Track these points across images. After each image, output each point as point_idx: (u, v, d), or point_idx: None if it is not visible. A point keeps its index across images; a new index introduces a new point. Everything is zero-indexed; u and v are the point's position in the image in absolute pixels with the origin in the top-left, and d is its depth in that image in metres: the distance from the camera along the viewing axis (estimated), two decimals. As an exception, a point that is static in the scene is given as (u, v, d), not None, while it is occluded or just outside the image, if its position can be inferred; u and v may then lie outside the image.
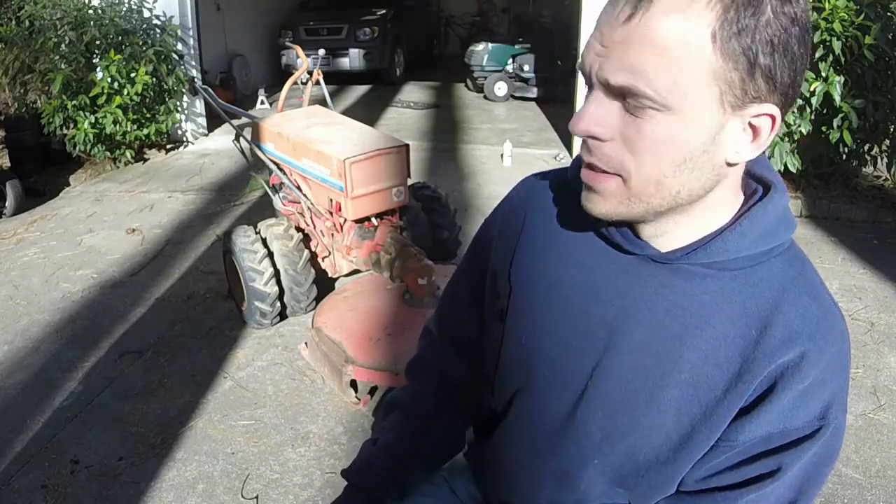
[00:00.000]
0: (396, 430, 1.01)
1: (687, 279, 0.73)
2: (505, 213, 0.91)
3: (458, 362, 1.00)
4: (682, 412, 0.74)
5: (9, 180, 4.59)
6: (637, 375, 0.75)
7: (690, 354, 0.73)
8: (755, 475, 0.74)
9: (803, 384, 0.70)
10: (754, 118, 0.65)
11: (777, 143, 3.91)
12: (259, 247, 2.84)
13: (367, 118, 4.49)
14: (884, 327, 2.94)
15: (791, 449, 0.73)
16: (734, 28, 0.60)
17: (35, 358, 2.80)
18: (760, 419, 0.72)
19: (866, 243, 3.88)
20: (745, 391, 0.72)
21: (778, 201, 0.73)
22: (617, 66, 0.62)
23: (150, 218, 4.36)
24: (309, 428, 2.34)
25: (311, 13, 9.14)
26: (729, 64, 0.61)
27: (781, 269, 0.73)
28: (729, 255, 0.71)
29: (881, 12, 3.86)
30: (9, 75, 5.21)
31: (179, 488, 2.08)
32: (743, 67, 0.61)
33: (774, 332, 0.70)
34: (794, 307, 0.71)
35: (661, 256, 0.74)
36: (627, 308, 0.75)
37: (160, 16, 5.45)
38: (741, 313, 0.72)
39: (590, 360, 0.77)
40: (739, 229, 0.71)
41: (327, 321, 2.58)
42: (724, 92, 0.63)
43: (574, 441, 0.80)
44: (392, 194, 2.88)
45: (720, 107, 0.63)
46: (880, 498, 2.03)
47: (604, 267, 0.77)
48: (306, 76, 3.73)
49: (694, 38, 0.60)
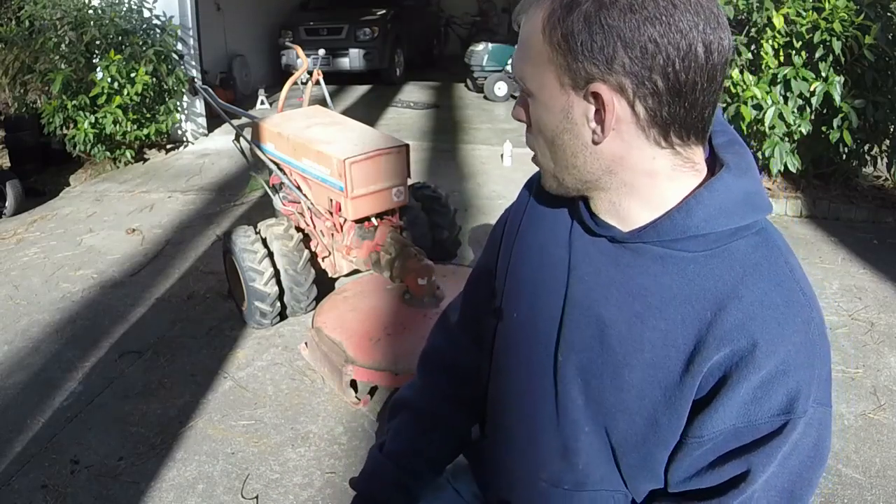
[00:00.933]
0: (402, 433, 1.02)
1: (651, 260, 0.75)
2: (516, 202, 0.96)
3: (471, 351, 1.02)
4: (644, 395, 0.75)
5: (9, 180, 4.59)
6: (604, 352, 0.78)
7: (651, 335, 0.74)
8: (729, 477, 0.73)
9: (759, 374, 0.69)
10: (594, 97, 0.71)
11: (777, 143, 3.91)
12: (259, 247, 2.84)
13: (367, 118, 4.49)
14: (884, 327, 2.94)
15: (760, 448, 0.71)
16: (556, 18, 0.70)
17: (35, 358, 2.80)
18: (721, 412, 0.71)
19: (866, 243, 3.87)
20: (696, 373, 0.72)
21: (728, 181, 0.73)
22: (515, 60, 0.78)
23: (150, 218, 4.36)
24: (309, 428, 2.34)
25: (311, 13, 9.14)
26: (552, 50, 0.71)
27: (745, 252, 0.73)
28: (678, 234, 0.73)
29: (881, 12, 3.86)
30: (9, 75, 5.22)
31: (179, 488, 2.08)
32: (564, 50, 0.70)
33: (727, 317, 0.70)
34: (751, 292, 0.71)
35: (621, 236, 0.77)
36: (598, 285, 0.79)
37: (160, 16, 5.45)
38: (699, 295, 0.72)
39: (557, 333, 0.82)
40: (685, 208, 0.73)
41: (327, 321, 2.58)
42: (558, 74, 0.71)
43: (565, 412, 0.82)
44: (392, 194, 2.88)
45: (561, 89, 0.72)
46: (880, 498, 2.03)
47: (584, 247, 0.82)
48: (306, 76, 3.73)
49: (534, 36, 0.72)
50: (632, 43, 0.67)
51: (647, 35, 0.66)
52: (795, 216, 4.30)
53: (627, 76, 0.68)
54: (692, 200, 0.73)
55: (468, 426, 1.05)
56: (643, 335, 0.75)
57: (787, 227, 4.11)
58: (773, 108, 3.81)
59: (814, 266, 3.54)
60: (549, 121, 0.75)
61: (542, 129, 0.76)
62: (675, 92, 0.68)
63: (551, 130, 0.75)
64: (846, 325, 2.95)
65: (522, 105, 0.79)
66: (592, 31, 0.68)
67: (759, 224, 0.74)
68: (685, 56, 0.67)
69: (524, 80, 0.75)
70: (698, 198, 0.73)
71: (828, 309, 3.05)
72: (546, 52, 0.71)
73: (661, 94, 0.68)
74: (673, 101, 0.69)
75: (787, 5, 3.87)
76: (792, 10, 3.85)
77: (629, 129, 0.71)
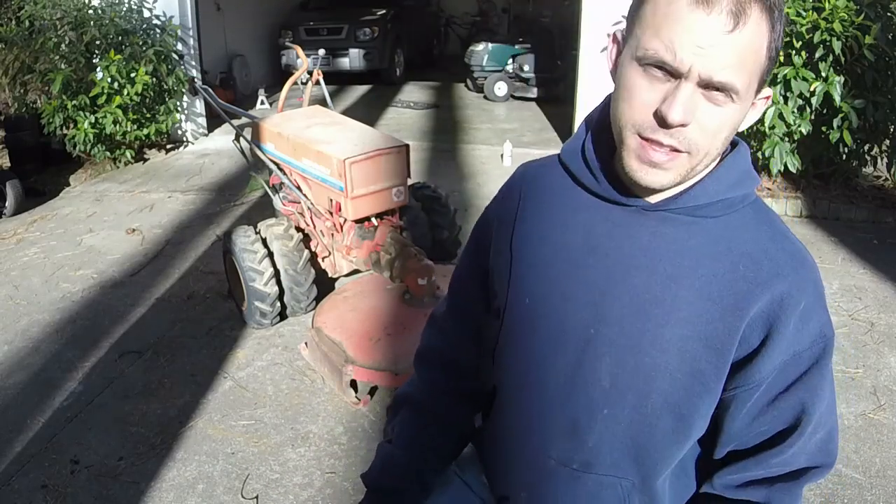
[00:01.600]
0: (407, 425, 1.04)
1: (675, 227, 0.83)
2: (502, 197, 0.98)
3: (465, 345, 1.03)
4: (685, 350, 0.81)
5: (9, 180, 4.59)
6: (639, 318, 0.82)
7: (686, 293, 0.81)
8: (788, 416, 0.84)
9: (798, 309, 0.80)
10: (758, 99, 0.81)
11: (777, 143, 3.91)
12: (259, 247, 2.84)
13: (367, 118, 4.49)
14: (884, 327, 2.94)
15: (806, 376, 0.82)
16: (774, 36, 0.76)
17: (35, 358, 2.80)
18: (773, 351, 0.80)
19: (866, 243, 3.87)
20: (741, 318, 0.80)
21: (745, 154, 0.86)
22: (720, 66, 0.73)
23: (150, 218, 4.36)
24: (309, 428, 2.34)
25: (311, 13, 9.13)
26: (767, 63, 0.77)
27: (754, 215, 0.84)
28: (709, 199, 0.82)
29: (881, 12, 3.86)
30: (9, 75, 5.21)
31: (179, 488, 2.08)
32: (771, 65, 0.78)
33: (762, 267, 0.81)
34: (774, 244, 0.82)
35: (651, 206, 0.84)
36: (625, 257, 0.84)
37: (160, 16, 5.45)
38: (726, 252, 0.82)
39: (591, 308, 0.85)
40: (716, 175, 0.83)
41: (327, 321, 2.58)
42: (759, 83, 0.78)
43: (583, 389, 0.85)
44: (392, 194, 2.88)
45: (754, 94, 0.79)
46: (880, 498, 2.03)
47: (600, 223, 0.86)
48: (306, 76, 3.73)
49: (760, 46, 0.75)
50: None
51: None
52: (795, 216, 4.30)
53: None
54: (721, 169, 0.83)
55: (470, 418, 1.07)
56: (678, 294, 0.81)
57: (787, 227, 4.11)
58: (773, 108, 3.81)
59: (814, 266, 3.54)
60: (737, 120, 0.79)
61: (724, 126, 0.78)
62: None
63: (734, 128, 0.80)
64: (846, 325, 2.95)
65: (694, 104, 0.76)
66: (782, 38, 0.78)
67: (754, 193, 0.86)
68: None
69: (739, 86, 0.75)
70: (726, 167, 0.83)
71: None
72: (763, 63, 0.77)
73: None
74: None
75: (787, 5, 3.87)
76: (792, 10, 3.85)
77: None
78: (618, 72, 0.81)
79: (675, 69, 0.74)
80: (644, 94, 0.77)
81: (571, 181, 0.90)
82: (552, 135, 6.29)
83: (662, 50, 0.74)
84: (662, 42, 0.74)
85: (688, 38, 0.73)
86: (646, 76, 0.76)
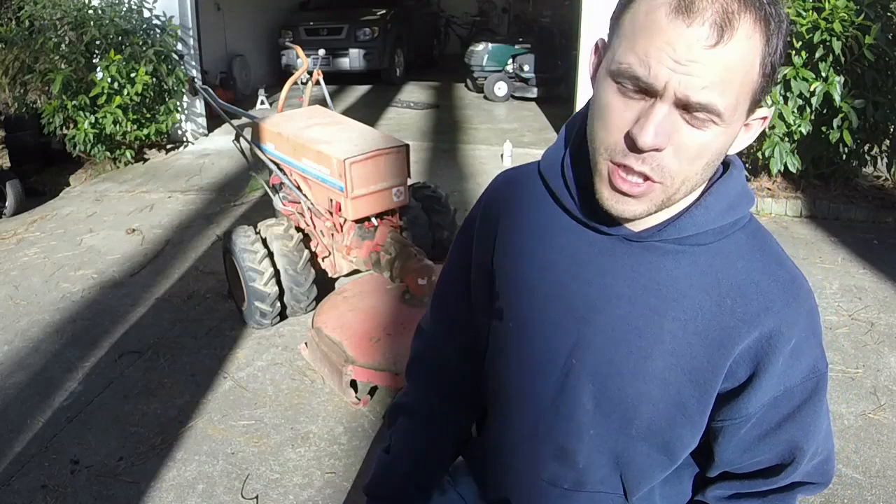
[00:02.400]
0: (403, 434, 1.02)
1: (661, 256, 0.78)
2: (482, 208, 0.93)
3: (454, 353, 1.01)
4: (668, 381, 0.78)
5: (9, 180, 4.59)
6: (620, 349, 0.79)
7: (670, 325, 0.77)
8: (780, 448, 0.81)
9: (789, 346, 0.76)
10: (753, 120, 0.74)
11: (777, 143, 3.91)
12: (259, 247, 2.84)
13: (367, 118, 4.49)
14: (884, 327, 2.94)
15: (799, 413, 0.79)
16: (769, 52, 0.68)
17: (35, 358, 2.80)
18: (762, 387, 0.77)
19: (866, 243, 3.87)
20: (726, 356, 0.76)
21: (737, 177, 0.79)
22: (700, 85, 0.65)
23: (150, 218, 4.36)
24: (309, 428, 2.34)
25: (311, 13, 9.14)
26: (762, 81, 0.69)
27: (747, 240, 0.79)
28: (697, 229, 0.76)
29: (881, 12, 3.86)
30: (9, 75, 5.21)
31: (179, 488, 2.08)
32: (767, 84, 0.70)
33: (752, 301, 0.76)
34: (766, 275, 0.77)
35: (634, 235, 0.78)
36: (607, 285, 0.79)
37: (160, 16, 5.45)
38: (714, 284, 0.77)
39: (573, 335, 0.81)
40: (705, 204, 0.76)
41: (327, 321, 2.57)
42: (752, 103, 0.71)
43: (568, 414, 0.83)
44: (392, 194, 2.88)
45: (746, 116, 0.72)
46: (880, 498, 2.03)
47: (583, 248, 0.81)
48: (306, 76, 3.73)
49: (751, 64, 0.67)
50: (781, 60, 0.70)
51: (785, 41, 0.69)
52: (795, 216, 4.30)
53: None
54: (710, 198, 0.76)
55: (467, 422, 1.06)
56: (662, 326, 0.77)
57: (787, 227, 4.11)
58: (773, 108, 3.80)
59: (814, 266, 3.54)
60: (722, 144, 0.71)
61: (706, 151, 0.70)
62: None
63: (719, 153, 0.72)
64: (846, 325, 2.95)
65: (670, 125, 0.68)
66: (783, 53, 0.69)
67: (749, 214, 0.80)
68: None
69: (721, 107, 0.67)
70: (715, 194, 0.77)
71: (828, 309, 3.05)
72: (756, 81, 0.69)
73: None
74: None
75: (787, 5, 3.87)
76: (792, 10, 3.85)
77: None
78: (594, 86, 0.74)
79: (650, 86, 0.66)
80: (617, 114, 0.70)
81: (552, 199, 0.85)
82: (552, 135, 6.29)
83: (637, 64, 0.67)
84: (637, 55, 0.66)
85: (665, 51, 0.65)
86: (619, 93, 0.69)
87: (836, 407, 2.40)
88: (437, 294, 1.04)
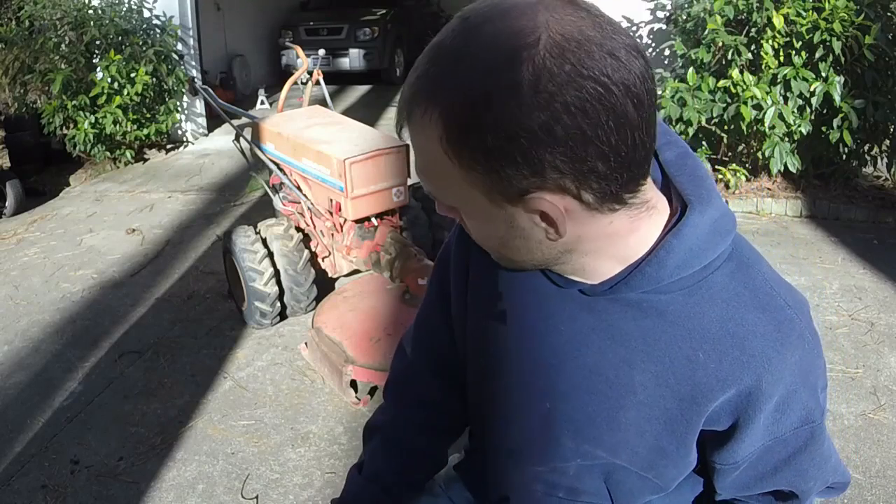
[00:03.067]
0: (379, 457, 1.01)
1: (627, 307, 0.72)
2: (456, 240, 0.89)
3: (434, 382, 0.99)
4: (644, 430, 0.75)
5: (9, 180, 4.60)
6: (593, 399, 0.75)
7: (641, 377, 0.72)
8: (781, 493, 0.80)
9: (771, 402, 0.70)
10: (538, 207, 0.62)
11: (777, 143, 3.91)
12: (259, 247, 2.84)
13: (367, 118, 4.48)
14: (884, 327, 2.94)
15: (795, 461, 0.76)
16: (454, 138, 0.59)
17: (35, 358, 2.80)
18: (745, 440, 0.73)
19: (866, 243, 3.87)
20: (700, 412, 0.72)
21: (695, 222, 0.68)
22: (417, 168, 0.67)
23: (150, 218, 4.36)
24: (309, 428, 2.34)
25: (311, 13, 9.14)
26: (468, 172, 0.61)
27: (724, 283, 0.70)
28: (651, 285, 0.69)
29: (881, 12, 3.86)
30: (9, 75, 5.21)
31: (179, 488, 2.08)
32: (481, 170, 0.60)
33: (725, 357, 0.69)
34: (742, 326, 0.69)
35: (589, 289, 0.73)
36: (576, 333, 0.75)
37: (160, 16, 5.45)
38: (685, 336, 0.70)
39: (545, 380, 0.78)
40: (656, 260, 0.68)
41: (327, 321, 2.57)
42: (485, 192, 0.62)
43: (552, 449, 0.81)
44: (392, 194, 2.88)
45: (492, 204, 0.63)
46: (880, 498, 2.03)
47: (552, 294, 0.76)
48: (306, 76, 3.73)
49: (435, 155, 0.61)
50: (557, 141, 0.56)
51: (569, 125, 0.56)
52: (795, 216, 4.29)
53: (565, 177, 0.59)
54: (661, 252, 0.68)
55: (441, 447, 1.04)
56: (633, 378, 0.72)
57: (787, 227, 4.11)
58: (773, 108, 3.81)
59: (814, 266, 3.54)
60: (492, 230, 0.67)
61: (486, 235, 0.69)
62: (619, 165, 0.59)
63: (498, 238, 0.68)
64: (846, 325, 2.94)
65: (449, 211, 0.69)
66: (506, 144, 0.57)
67: (728, 248, 0.70)
68: (617, 125, 0.57)
69: (440, 196, 0.66)
70: (668, 248, 0.68)
71: (828, 309, 3.05)
72: (459, 174, 0.61)
73: (605, 174, 0.60)
74: (619, 172, 0.60)
75: (787, 5, 3.87)
76: (792, 10, 3.85)
77: (581, 214, 0.63)
78: None
79: None
80: None
81: None
82: (552, 135, 6.28)
83: None
84: None
85: None
86: None
87: (836, 407, 2.40)
88: (419, 316, 1.01)
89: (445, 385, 0.98)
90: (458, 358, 0.95)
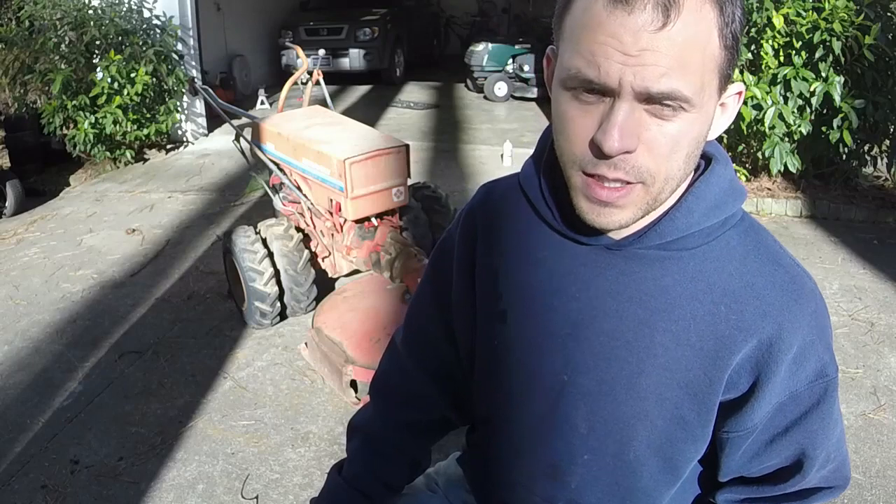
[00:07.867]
0: (358, 457, 1.00)
1: (646, 264, 0.73)
2: (461, 228, 0.89)
3: (422, 378, 0.98)
4: (664, 397, 0.74)
5: (9, 180, 4.59)
6: (611, 366, 0.75)
7: (661, 338, 0.73)
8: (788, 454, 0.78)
9: (791, 352, 0.72)
10: (727, 97, 0.70)
11: (777, 143, 3.91)
12: (259, 247, 2.84)
13: (367, 118, 4.49)
14: (884, 327, 2.94)
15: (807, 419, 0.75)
16: (726, 22, 0.63)
17: (35, 358, 2.80)
18: (765, 397, 0.73)
19: (866, 243, 3.87)
20: (724, 367, 0.72)
21: (721, 173, 0.74)
22: (657, 74, 0.60)
23: (150, 218, 4.36)
24: (309, 428, 2.34)
25: (311, 13, 9.14)
26: (725, 55, 0.64)
27: (739, 240, 0.73)
28: (680, 233, 0.72)
29: (881, 12, 3.86)
30: (9, 75, 5.21)
31: (179, 488, 2.08)
32: (732, 55, 0.65)
33: (747, 307, 0.71)
34: (762, 277, 0.72)
35: (615, 244, 0.74)
36: (591, 299, 0.75)
37: (160, 16, 5.45)
38: (706, 290, 0.72)
39: (561, 354, 0.77)
40: (686, 206, 0.71)
41: (327, 321, 2.58)
42: (720, 80, 0.65)
43: (560, 435, 0.80)
44: (392, 194, 2.88)
45: (718, 94, 0.67)
46: (880, 498, 2.03)
47: (564, 261, 0.77)
48: (306, 76, 3.73)
49: (708, 38, 0.62)
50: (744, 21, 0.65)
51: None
52: (795, 216, 4.30)
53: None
54: (691, 198, 0.72)
55: (424, 448, 1.03)
56: (653, 339, 0.73)
57: (787, 227, 4.11)
58: (773, 108, 3.81)
59: (814, 266, 3.54)
60: (699, 131, 0.66)
61: (681, 143, 0.65)
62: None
63: (698, 141, 0.67)
64: (846, 325, 2.94)
65: (636, 123, 0.63)
66: (741, 28, 0.64)
67: (740, 210, 0.75)
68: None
69: (687, 93, 0.62)
70: (696, 193, 0.72)
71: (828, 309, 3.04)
72: (719, 56, 0.63)
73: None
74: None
75: (787, 5, 3.87)
76: (792, 10, 3.85)
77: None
78: (552, 98, 0.70)
79: (604, 86, 0.62)
80: (577, 124, 0.65)
81: (532, 211, 0.80)
82: (552, 135, 6.28)
83: (585, 66, 0.62)
84: (584, 57, 0.62)
85: (611, 45, 0.60)
86: (575, 101, 0.65)
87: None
88: (410, 314, 1.00)
89: (433, 380, 0.97)
90: (450, 350, 0.94)
